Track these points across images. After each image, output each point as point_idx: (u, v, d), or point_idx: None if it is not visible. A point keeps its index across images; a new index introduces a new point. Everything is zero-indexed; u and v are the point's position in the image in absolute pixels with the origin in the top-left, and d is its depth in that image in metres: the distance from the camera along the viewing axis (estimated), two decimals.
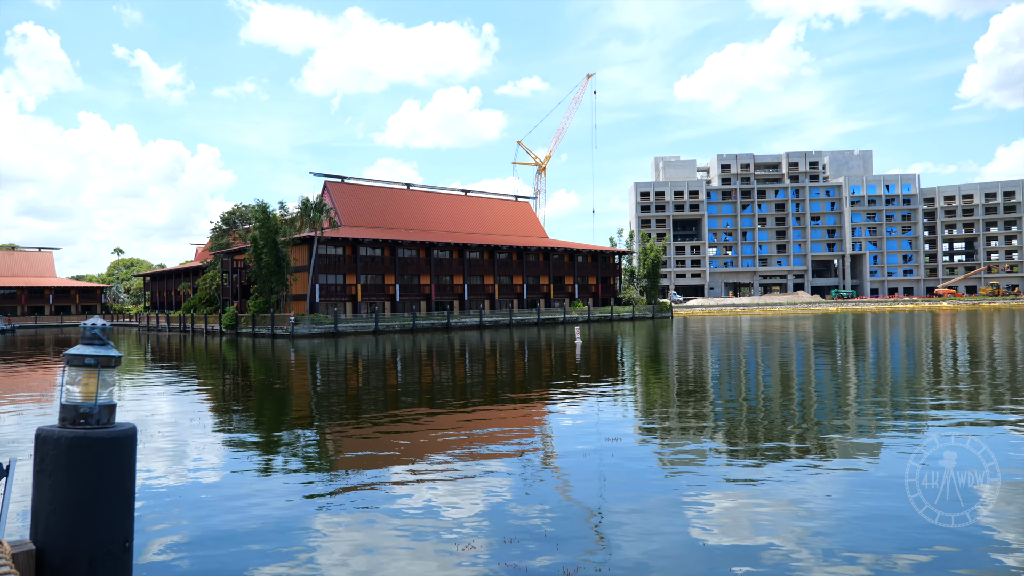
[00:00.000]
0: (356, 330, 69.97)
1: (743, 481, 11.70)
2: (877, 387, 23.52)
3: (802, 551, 8.54)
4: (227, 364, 39.50)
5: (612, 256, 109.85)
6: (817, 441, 14.80)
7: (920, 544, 8.66)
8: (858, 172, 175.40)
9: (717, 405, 20.14)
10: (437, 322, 76.96)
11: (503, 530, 9.46)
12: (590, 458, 13.55)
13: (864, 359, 33.73)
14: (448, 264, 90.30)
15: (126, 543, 5.62)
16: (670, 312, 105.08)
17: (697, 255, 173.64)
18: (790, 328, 64.82)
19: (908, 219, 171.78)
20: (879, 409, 18.86)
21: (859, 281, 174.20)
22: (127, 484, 5.71)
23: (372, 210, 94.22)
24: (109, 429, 5.57)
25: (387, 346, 50.07)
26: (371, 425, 17.95)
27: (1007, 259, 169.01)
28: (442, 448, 14.80)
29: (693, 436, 15.62)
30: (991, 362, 30.57)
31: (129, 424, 5.81)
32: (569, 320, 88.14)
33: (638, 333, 62.80)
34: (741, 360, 34.21)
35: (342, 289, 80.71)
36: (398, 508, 10.53)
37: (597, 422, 17.80)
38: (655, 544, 8.88)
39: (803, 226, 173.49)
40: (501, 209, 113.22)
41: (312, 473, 12.92)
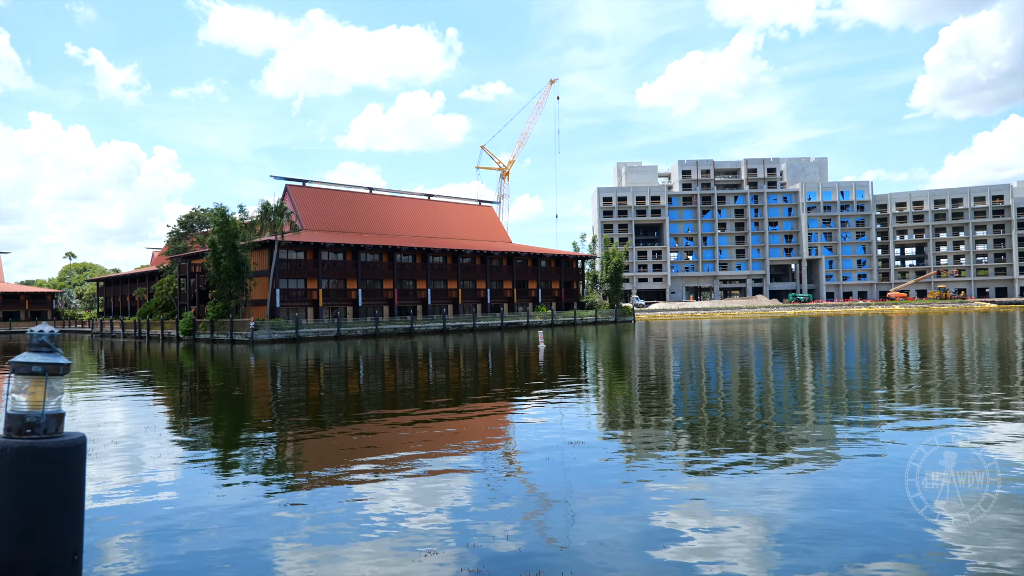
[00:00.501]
0: (318, 335, 69.10)
1: (706, 483, 11.84)
2: (833, 388, 24.03)
3: (764, 551, 8.67)
4: (184, 371, 38.66)
5: (575, 261, 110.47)
6: (776, 442, 15.05)
7: (883, 543, 8.85)
8: (814, 179, 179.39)
9: (679, 407, 20.36)
10: (400, 327, 76.47)
11: (466, 534, 9.41)
12: (553, 461, 13.58)
13: (820, 361, 34.46)
14: (411, 269, 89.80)
15: (75, 557, 5.45)
16: (632, 316, 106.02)
17: (659, 260, 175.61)
18: (749, 331, 65.92)
19: (862, 225, 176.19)
20: (836, 410, 19.27)
21: (815, 285, 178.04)
22: (76, 496, 5.54)
23: (334, 214, 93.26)
24: (57, 439, 5.40)
25: (349, 351, 49.55)
26: (333, 431, 17.73)
27: (955, 264, 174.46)
28: (405, 453, 14.68)
29: (655, 438, 15.76)
30: (940, 364, 31.49)
31: (79, 434, 5.64)
32: (532, 324, 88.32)
33: (601, 337, 63.23)
34: (702, 363, 34.66)
35: (303, 294, 79.67)
36: (361, 513, 10.41)
37: (560, 425, 17.84)
38: (618, 546, 8.92)
39: (762, 231, 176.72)
40: (465, 213, 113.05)
41: (272, 481, 12.71)
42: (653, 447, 14.89)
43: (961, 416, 17.62)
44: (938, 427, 16.23)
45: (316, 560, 8.71)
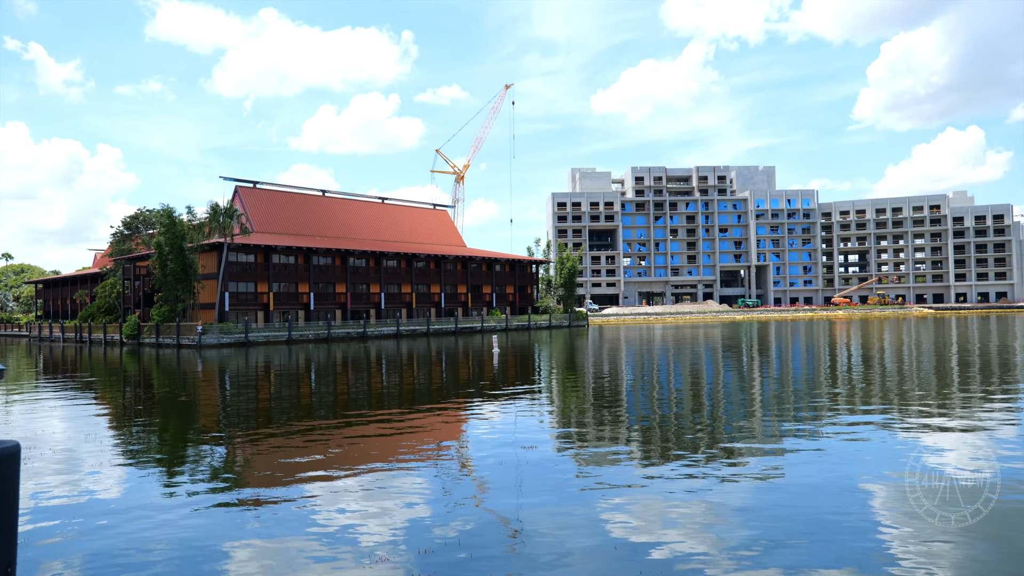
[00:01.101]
0: (268, 339, 67.87)
1: (658, 484, 11.99)
2: (780, 391, 24.63)
3: (715, 548, 8.82)
4: (128, 376, 37.52)
5: (530, 265, 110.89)
6: (725, 444, 15.35)
7: (826, 539, 9.09)
8: (762, 187, 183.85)
9: (631, 410, 20.59)
10: (353, 331, 75.61)
11: (418, 540, 9.35)
12: (506, 465, 13.59)
13: (768, 365, 35.27)
14: (365, 272, 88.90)
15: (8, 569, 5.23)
16: (586, 321, 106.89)
17: (612, 265, 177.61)
18: (700, 336, 67.09)
19: (808, 232, 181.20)
20: (782, 412, 19.74)
21: (764, 291, 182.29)
22: (8, 506, 5.31)
23: (286, 216, 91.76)
24: None
25: (301, 356, 48.78)
26: (283, 437, 17.43)
27: (895, 271, 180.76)
28: (356, 459, 14.52)
29: (608, 441, 15.91)
30: (881, 367, 32.56)
31: (12, 441, 5.42)
32: (487, 329, 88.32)
33: (555, 341, 63.57)
34: (654, 367, 35.14)
35: (253, 297, 78.14)
36: (311, 521, 10.25)
37: (514, 429, 17.87)
38: (571, 550, 8.98)
39: (712, 238, 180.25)
40: (419, 217, 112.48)
41: (220, 489, 12.42)
42: (606, 450, 15.03)
43: (900, 417, 18.23)
44: (879, 428, 16.76)
45: (265, 568, 8.54)
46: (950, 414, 18.57)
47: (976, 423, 17.17)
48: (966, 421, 17.48)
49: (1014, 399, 21.52)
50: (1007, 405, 20.19)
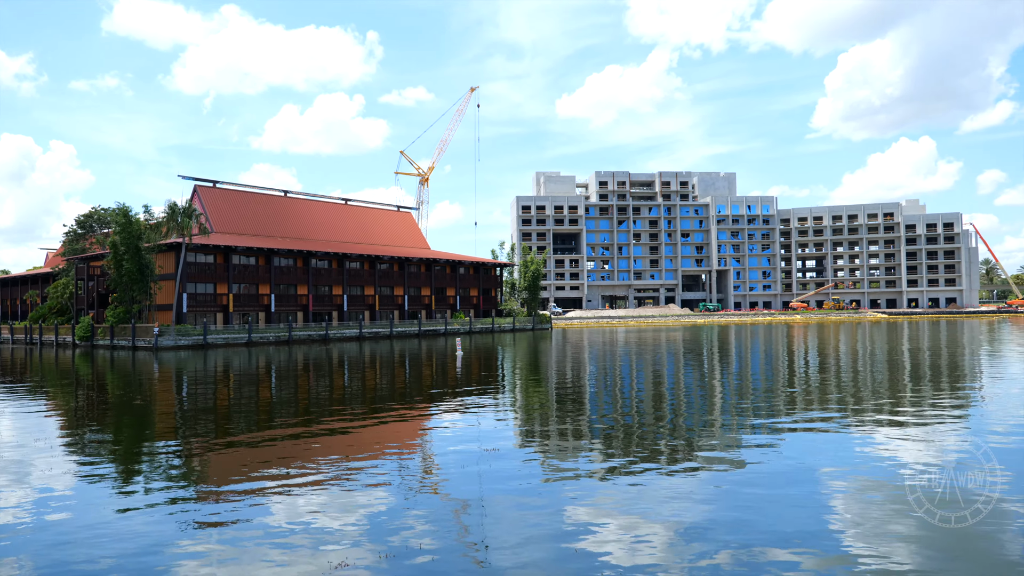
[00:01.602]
0: (227, 342, 66.70)
1: (620, 486, 12.12)
2: (739, 393, 25.06)
3: (676, 548, 8.96)
4: (81, 379, 36.54)
5: (494, 268, 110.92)
6: (687, 445, 15.57)
7: (783, 537, 9.30)
8: (724, 193, 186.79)
9: (594, 413, 20.76)
10: (315, 333, 74.75)
11: (380, 544, 9.32)
12: (469, 468, 13.61)
13: (728, 368, 35.86)
14: (327, 274, 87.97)
15: None
16: (550, 324, 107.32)
17: (576, 268, 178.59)
18: (662, 339, 67.87)
19: (767, 238, 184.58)
20: (741, 414, 20.10)
21: (724, 295, 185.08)
22: None
23: (246, 217, 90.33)
24: None
25: (261, 358, 48.07)
26: (243, 441, 17.18)
27: (851, 276, 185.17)
28: (317, 463, 14.39)
29: (571, 444, 16.03)
30: (836, 370, 33.35)
31: None
32: (451, 331, 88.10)
33: (518, 344, 63.71)
34: (616, 370, 35.45)
35: (212, 299, 76.75)
36: (271, 526, 10.14)
37: (477, 432, 17.89)
38: (533, 555, 9.03)
39: (674, 242, 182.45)
40: (383, 219, 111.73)
41: (177, 495, 12.19)
42: (569, 453, 15.14)
43: (855, 418, 18.71)
44: (835, 429, 17.18)
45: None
46: (902, 415, 19.11)
47: (926, 423, 17.70)
48: (917, 421, 18.01)
49: (960, 400, 22.23)
50: (953, 404, 20.86)
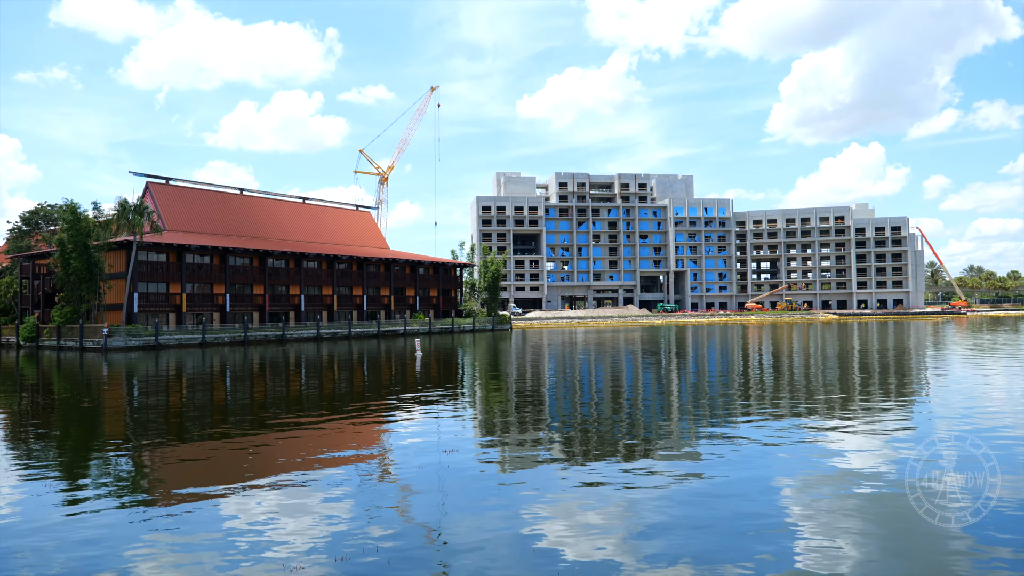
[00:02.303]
0: (180, 342, 65.23)
1: (579, 485, 12.21)
2: (697, 394, 25.47)
3: (634, 547, 9.08)
4: (25, 381, 35.33)
5: (454, 269, 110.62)
6: (644, 445, 15.77)
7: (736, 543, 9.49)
8: (681, 195, 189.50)
9: (553, 413, 20.87)
10: (271, 334, 73.56)
11: (336, 548, 9.23)
12: (428, 469, 13.57)
13: (685, 368, 36.40)
14: (284, 273, 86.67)
15: None
16: (510, 324, 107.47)
17: (536, 269, 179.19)
18: (621, 340, 68.55)
19: (723, 240, 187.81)
20: (699, 414, 20.43)
21: (681, 296, 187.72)
22: None
23: (201, 215, 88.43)
24: None
25: (215, 360, 47.12)
26: (196, 444, 16.83)
27: (803, 278, 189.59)
28: (272, 466, 14.19)
29: (530, 445, 16.09)
30: (790, 370, 34.13)
31: None
32: (410, 332, 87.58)
33: (478, 345, 63.67)
34: (576, 370, 35.69)
35: (165, 298, 74.97)
36: (225, 530, 9.96)
37: (436, 434, 17.85)
38: (492, 555, 9.05)
39: (633, 244, 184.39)
40: (341, 218, 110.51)
41: (126, 500, 11.89)
42: (528, 453, 15.20)
43: (806, 416, 19.18)
44: (788, 427, 17.57)
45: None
46: (852, 413, 19.65)
47: (875, 421, 18.24)
48: (866, 419, 18.54)
49: (907, 399, 22.96)
50: (900, 403, 21.54)
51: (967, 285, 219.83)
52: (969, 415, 19.19)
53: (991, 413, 19.63)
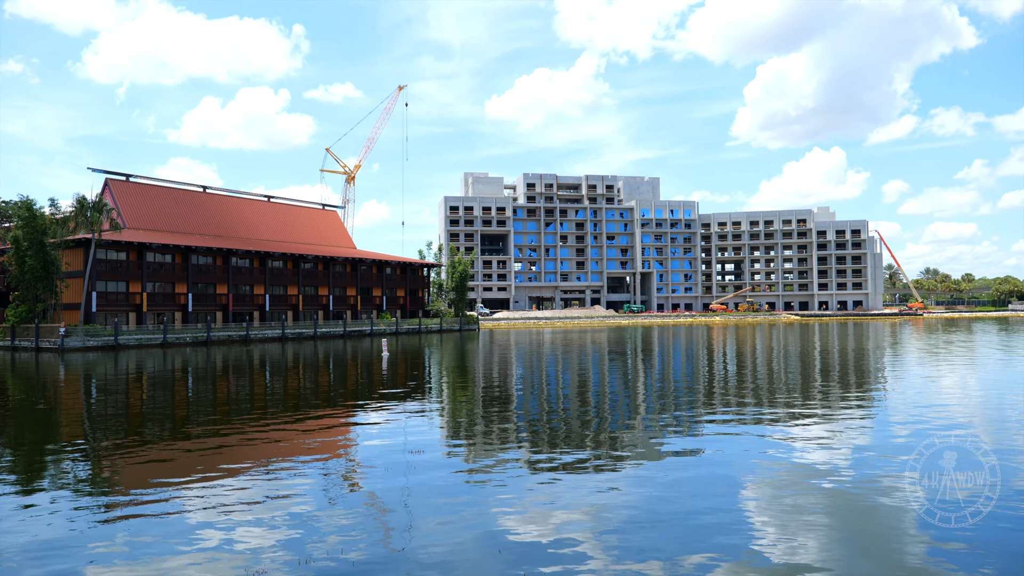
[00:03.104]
0: (140, 343, 63.89)
1: (546, 486, 12.28)
2: (662, 394, 25.74)
3: (601, 547, 9.16)
4: None
5: (421, 269, 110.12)
6: (610, 445, 15.90)
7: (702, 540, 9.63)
8: (647, 197, 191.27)
9: (520, 414, 20.92)
10: (235, 334, 72.44)
11: (300, 550, 9.16)
12: (394, 471, 13.52)
13: (651, 368, 36.75)
14: (248, 273, 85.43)
15: None
16: (477, 325, 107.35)
17: (503, 269, 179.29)
18: (587, 340, 68.94)
19: (689, 242, 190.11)
20: (664, 413, 20.66)
21: (647, 296, 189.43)
22: None
23: (162, 213, 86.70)
24: None
25: (177, 360, 46.27)
26: (156, 446, 16.53)
27: (766, 280, 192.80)
28: (236, 468, 14.00)
29: (497, 445, 16.12)
30: (753, 369, 34.69)
31: None
32: (377, 332, 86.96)
33: (445, 345, 63.51)
34: (543, 371, 35.82)
35: (125, 298, 73.36)
36: (187, 534, 9.80)
37: (403, 435, 17.78)
38: (459, 555, 9.06)
39: (600, 245, 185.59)
40: (307, 217, 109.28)
41: (85, 503, 11.63)
42: (495, 454, 15.23)
43: (770, 416, 19.52)
44: (751, 425, 17.87)
45: None
46: (812, 411, 20.05)
47: (834, 419, 18.64)
48: (825, 417, 18.94)
49: (866, 398, 23.51)
50: (860, 402, 22.05)
51: (923, 287, 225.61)
52: (923, 413, 19.71)
53: (943, 410, 20.18)
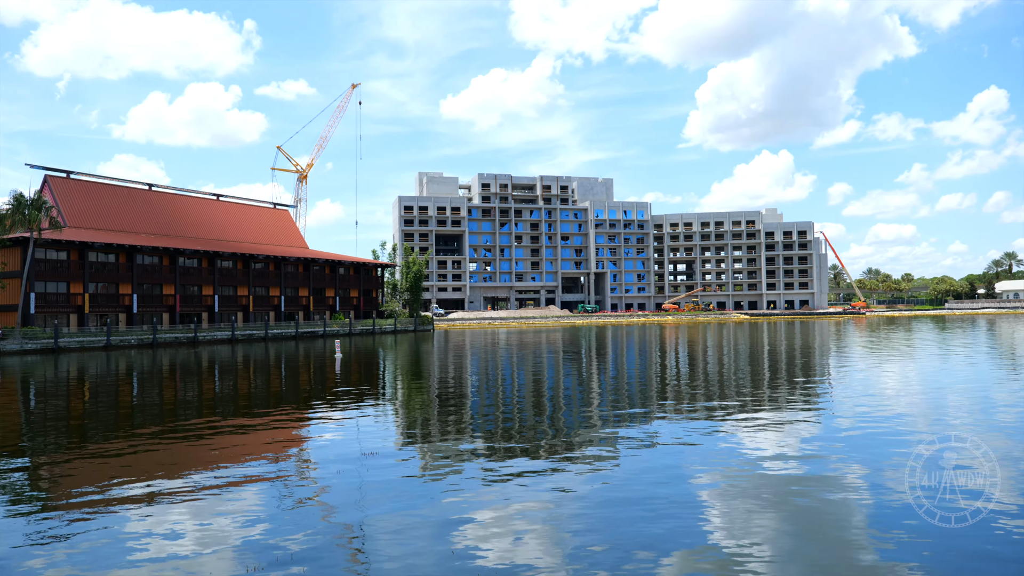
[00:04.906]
0: (82, 345, 61.78)
1: (500, 487, 12.27)
2: (616, 391, 26.00)
3: (556, 548, 9.19)
4: None
5: (375, 269, 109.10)
6: (565, 445, 15.98)
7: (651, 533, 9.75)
8: (601, 197, 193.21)
9: (475, 415, 20.88)
10: (182, 336, 70.62)
11: (252, 559, 8.96)
12: (347, 474, 13.35)
13: (605, 368, 37.10)
14: (196, 273, 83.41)
15: None
16: (432, 325, 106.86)
17: (458, 270, 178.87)
18: (542, 340, 69.24)
19: (642, 242, 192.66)
20: (618, 413, 20.86)
21: (602, 296, 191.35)
22: None
23: (106, 211, 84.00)
24: None
25: (121, 363, 44.88)
26: (97, 451, 15.99)
27: (717, 280, 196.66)
28: (183, 474, 13.64)
29: (452, 446, 16.05)
30: (704, 368, 35.32)
31: None
32: (330, 333, 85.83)
33: (400, 346, 63.04)
34: (498, 371, 35.83)
35: (66, 299, 70.89)
36: (130, 541, 9.50)
37: (356, 437, 17.58)
38: (414, 558, 8.99)
39: (554, 245, 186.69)
40: (258, 216, 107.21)
41: (22, 511, 11.18)
42: (449, 455, 15.16)
43: (721, 413, 19.88)
44: (703, 422, 18.18)
45: None
46: (761, 409, 20.50)
47: (783, 416, 19.09)
48: (774, 415, 19.39)
49: (812, 395, 24.16)
50: (807, 397, 22.64)
51: (866, 287, 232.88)
52: (866, 406, 20.33)
53: (884, 403, 20.86)
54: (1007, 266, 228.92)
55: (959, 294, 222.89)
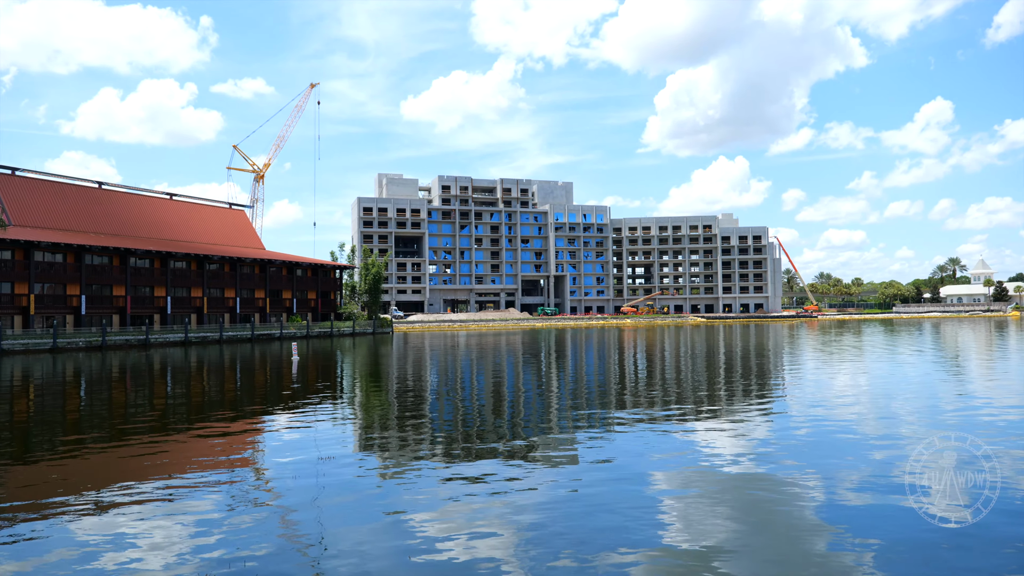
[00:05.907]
0: (27, 348, 59.75)
1: (459, 490, 12.25)
2: (574, 394, 26.16)
3: (516, 549, 9.22)
4: None
5: (333, 271, 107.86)
6: (524, 448, 16.03)
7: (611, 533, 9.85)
8: (561, 201, 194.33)
9: (433, 418, 20.80)
10: (133, 338, 68.80)
11: (203, 567, 8.80)
12: (303, 478, 13.18)
13: (564, 370, 37.30)
14: (148, 274, 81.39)
15: None
16: (391, 327, 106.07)
17: (418, 272, 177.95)
18: (502, 343, 69.29)
19: (601, 246, 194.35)
20: (576, 414, 21.00)
21: (561, 299, 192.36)
22: None
23: (53, 209, 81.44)
24: None
25: (68, 366, 43.53)
26: (43, 458, 15.50)
27: (675, 283, 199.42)
28: (134, 481, 13.31)
29: (410, 450, 15.97)
30: (662, 370, 35.78)
31: None
32: (286, 336, 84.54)
33: (358, 349, 62.43)
34: (457, 374, 35.75)
35: (10, 300, 68.50)
36: (79, 549, 9.23)
37: (313, 441, 17.37)
38: (372, 562, 8.93)
39: (514, 248, 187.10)
40: (213, 216, 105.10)
41: None
42: (407, 459, 15.09)
43: (678, 414, 20.17)
44: (661, 423, 18.42)
45: None
46: (718, 410, 20.86)
47: (739, 417, 19.46)
48: (731, 415, 19.74)
49: (766, 396, 24.68)
50: (761, 398, 23.12)
51: (818, 291, 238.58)
52: (819, 406, 20.85)
53: (838, 403, 21.43)
54: (951, 271, 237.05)
55: (906, 298, 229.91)
